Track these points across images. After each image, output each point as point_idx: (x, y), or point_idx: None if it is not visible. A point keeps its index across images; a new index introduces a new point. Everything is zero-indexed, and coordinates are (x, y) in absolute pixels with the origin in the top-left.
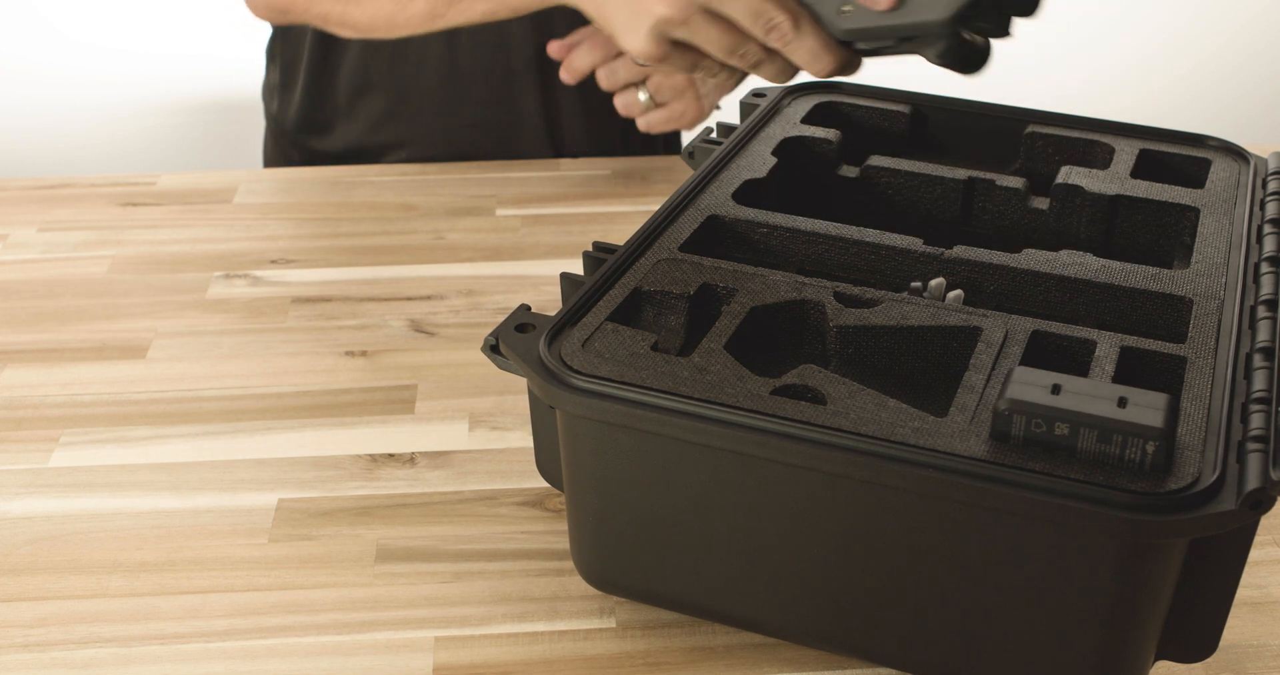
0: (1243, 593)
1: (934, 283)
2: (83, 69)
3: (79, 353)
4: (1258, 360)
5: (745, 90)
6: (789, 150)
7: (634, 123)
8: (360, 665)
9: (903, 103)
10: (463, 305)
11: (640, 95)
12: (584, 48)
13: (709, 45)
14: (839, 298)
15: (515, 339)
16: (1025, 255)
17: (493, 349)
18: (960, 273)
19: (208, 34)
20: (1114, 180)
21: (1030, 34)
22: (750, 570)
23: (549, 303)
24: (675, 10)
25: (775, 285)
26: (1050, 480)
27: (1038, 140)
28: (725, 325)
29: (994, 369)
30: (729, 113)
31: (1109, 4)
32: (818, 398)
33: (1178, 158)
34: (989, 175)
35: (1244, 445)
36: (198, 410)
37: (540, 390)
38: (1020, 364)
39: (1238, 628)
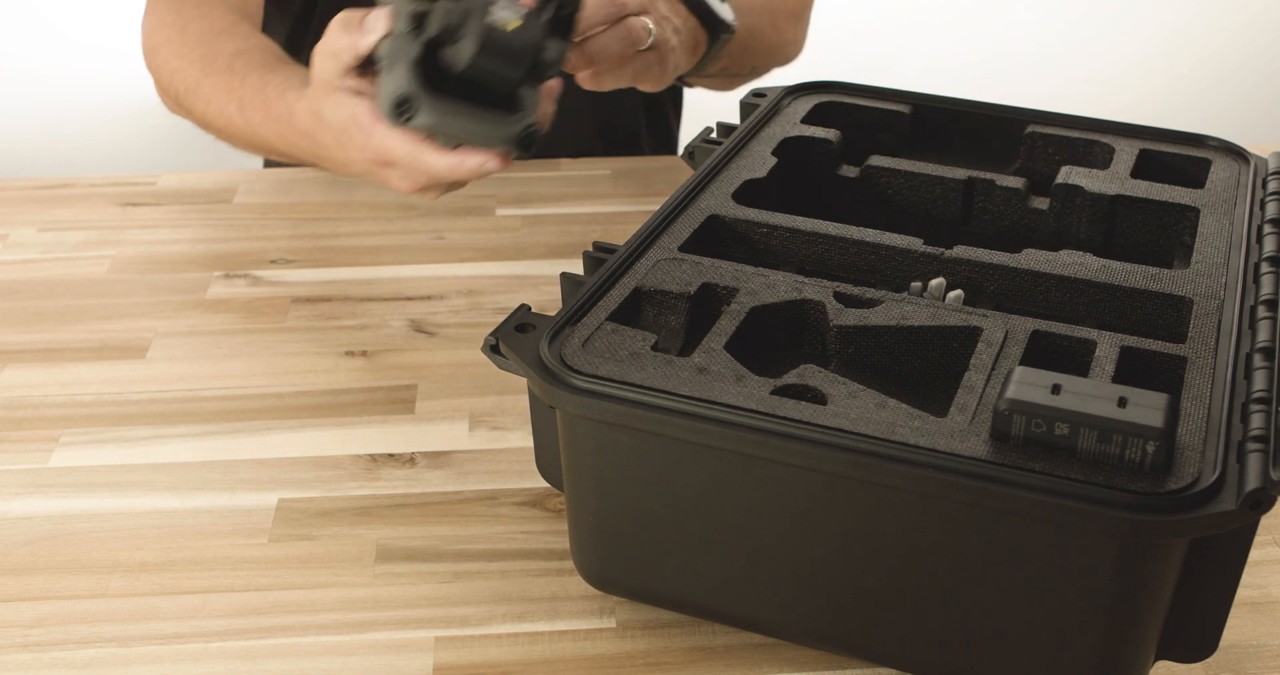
0: (1243, 593)
1: (934, 283)
2: (83, 69)
3: (79, 353)
4: (1258, 360)
5: (745, 90)
6: (789, 150)
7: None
8: (360, 665)
9: (903, 103)
10: (463, 305)
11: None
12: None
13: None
14: (839, 298)
15: (515, 339)
16: (1025, 255)
17: (493, 349)
18: (960, 273)
19: None
20: (1114, 180)
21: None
22: (750, 570)
23: (549, 303)
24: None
25: (775, 285)
26: (1050, 480)
27: (1038, 140)
28: (725, 325)
29: (994, 369)
30: (729, 113)
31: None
32: (818, 398)
33: (1178, 158)
34: (989, 175)
35: (1244, 445)
36: (198, 410)
37: (540, 390)
38: (1020, 364)
39: (1238, 628)
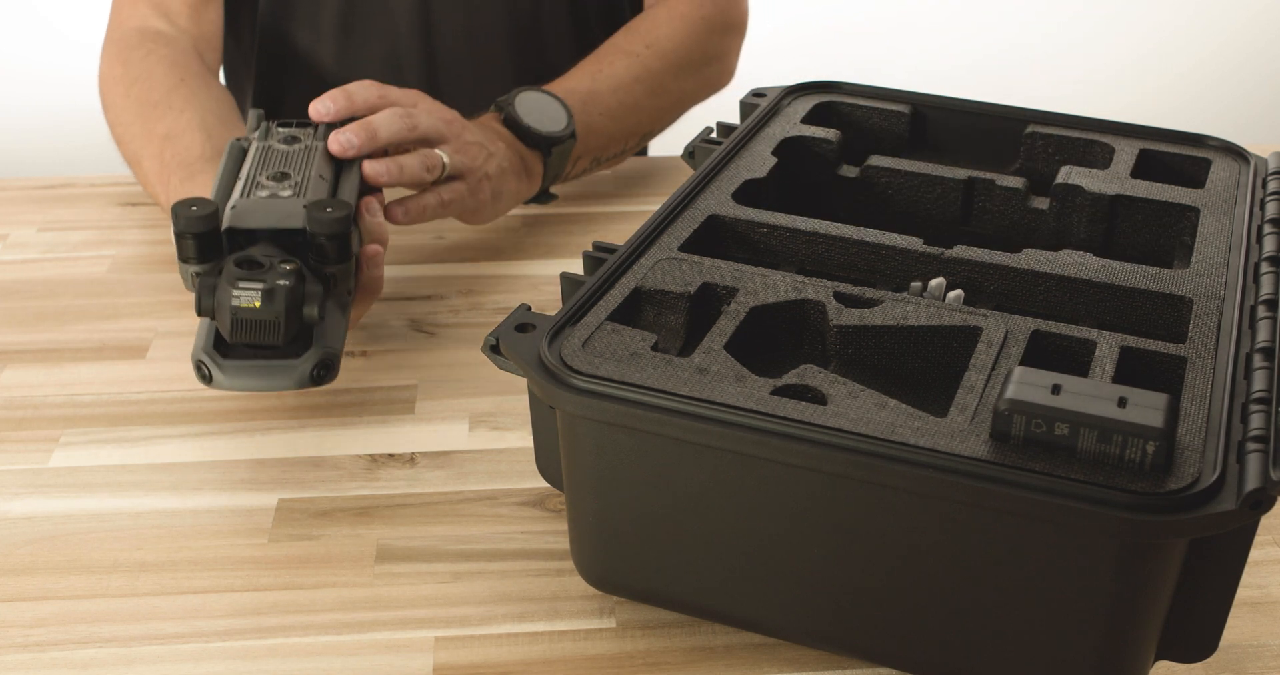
0: (1243, 593)
1: (934, 283)
2: (83, 69)
3: (79, 353)
4: (1258, 360)
5: (745, 90)
6: (789, 150)
7: None
8: (360, 665)
9: (903, 103)
10: (463, 305)
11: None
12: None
13: None
14: (839, 298)
15: (515, 339)
16: (1025, 255)
17: (493, 349)
18: (960, 273)
19: None
20: (1114, 180)
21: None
22: (750, 570)
23: (549, 303)
24: None
25: (775, 285)
26: (1050, 480)
27: (1038, 140)
28: (725, 325)
29: (994, 369)
30: (729, 113)
31: (1108, 3)
32: (818, 398)
33: (1178, 158)
34: (989, 175)
35: (1244, 445)
36: (198, 410)
37: (540, 390)
38: (1020, 364)
39: (1238, 628)
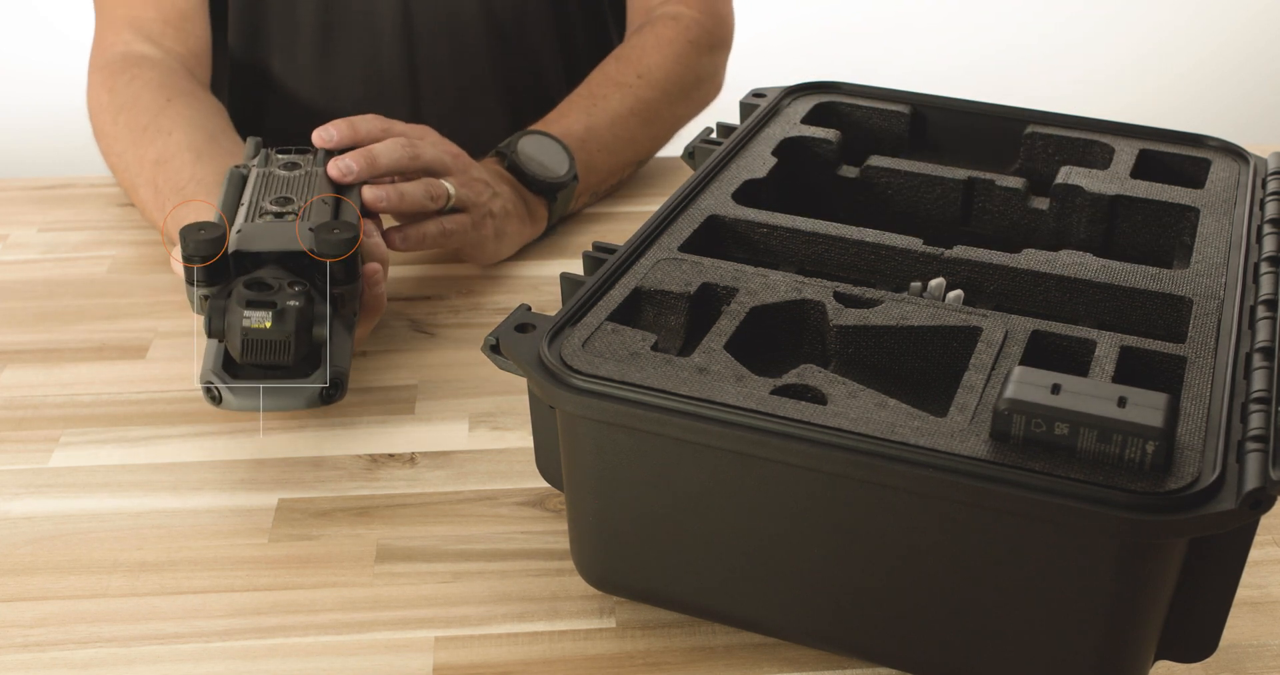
0: (1243, 593)
1: (934, 283)
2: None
3: (79, 353)
4: (1258, 360)
5: (745, 90)
6: (789, 150)
7: None
8: (360, 665)
9: (903, 103)
10: (463, 305)
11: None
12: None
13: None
14: (839, 298)
15: (515, 339)
16: (1025, 255)
17: (493, 349)
18: (960, 273)
19: None
20: (1114, 180)
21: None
22: (750, 570)
23: (549, 303)
24: None
25: (775, 285)
26: (1050, 480)
27: (1038, 140)
28: (725, 325)
29: (994, 369)
30: (729, 113)
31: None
32: (818, 398)
33: (1177, 158)
34: (989, 175)
35: (1244, 445)
36: (198, 410)
37: (540, 390)
38: (1020, 364)
39: (1238, 628)
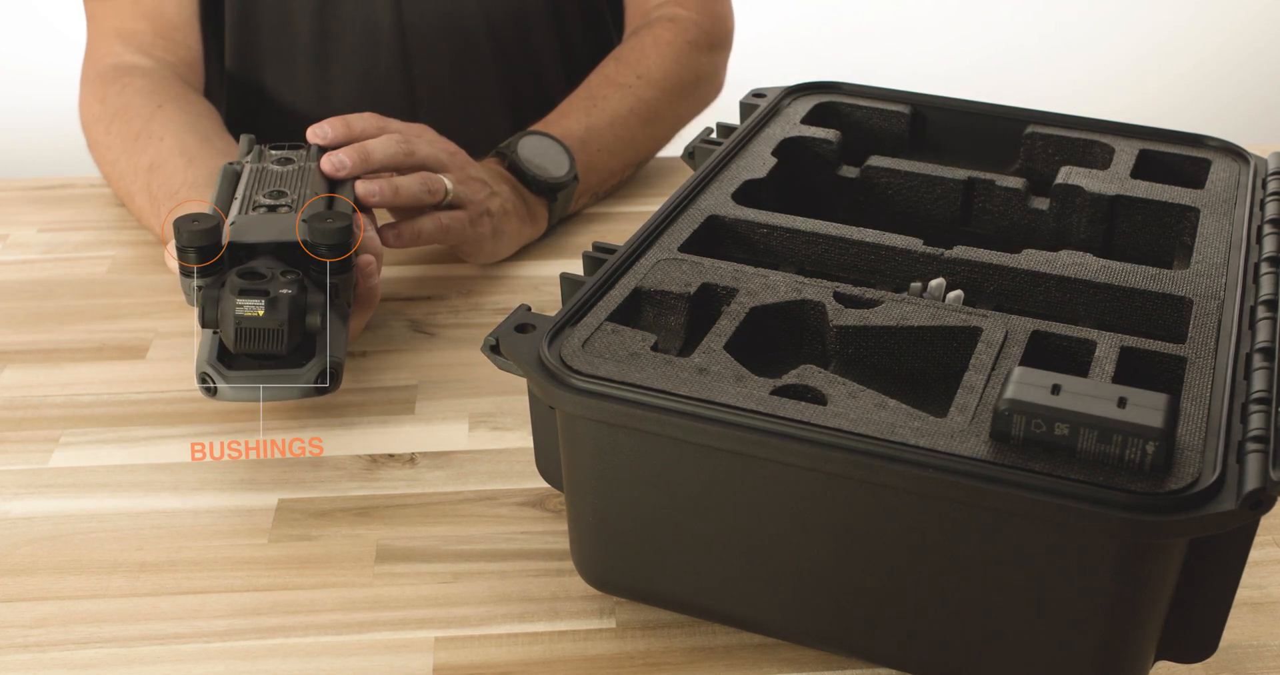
0: (1243, 593)
1: (934, 283)
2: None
3: (79, 353)
4: (1258, 360)
5: (745, 90)
6: (789, 150)
7: None
8: (360, 665)
9: (903, 103)
10: (463, 305)
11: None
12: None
13: None
14: (839, 298)
15: (515, 339)
16: (1025, 255)
17: (493, 349)
18: (960, 273)
19: None
20: (1114, 180)
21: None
22: (750, 570)
23: (549, 303)
24: None
25: (775, 285)
26: (1050, 480)
27: (1038, 140)
28: (725, 325)
29: (994, 369)
30: (729, 113)
31: (1108, 3)
32: (818, 398)
33: (1177, 158)
34: (989, 175)
35: (1244, 445)
36: (198, 410)
37: (540, 390)
38: (1020, 364)
39: (1238, 628)
